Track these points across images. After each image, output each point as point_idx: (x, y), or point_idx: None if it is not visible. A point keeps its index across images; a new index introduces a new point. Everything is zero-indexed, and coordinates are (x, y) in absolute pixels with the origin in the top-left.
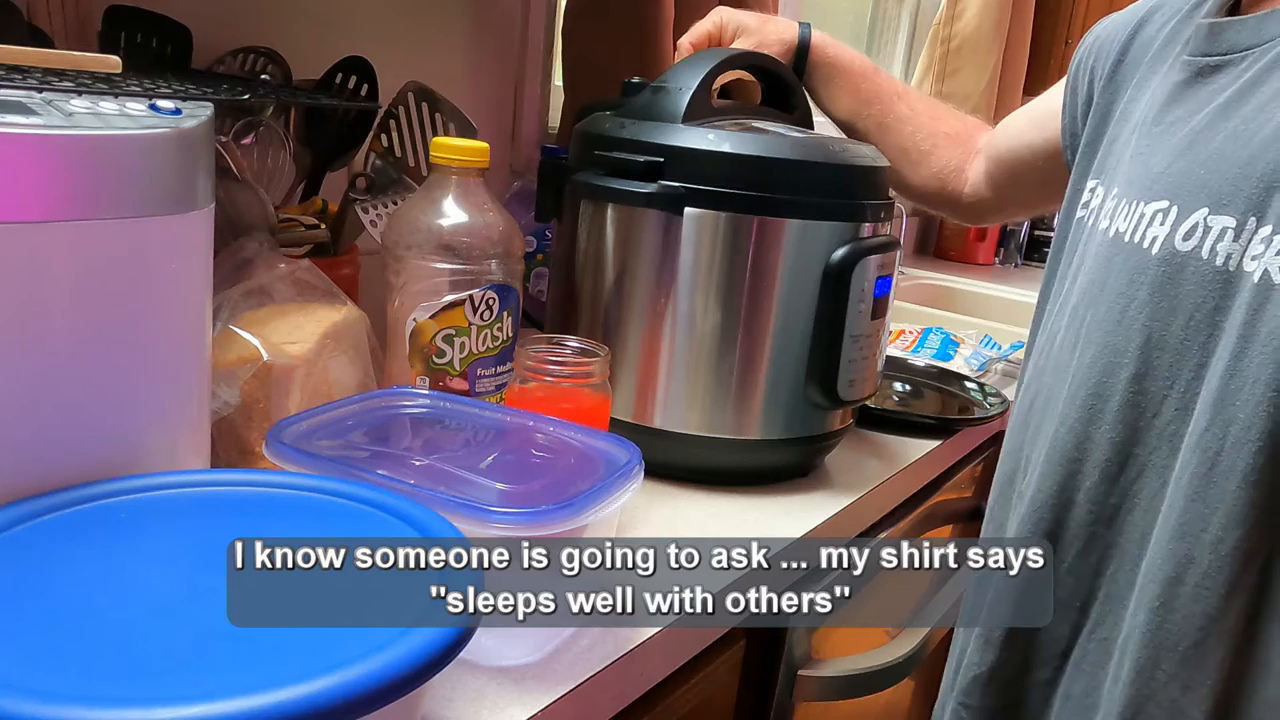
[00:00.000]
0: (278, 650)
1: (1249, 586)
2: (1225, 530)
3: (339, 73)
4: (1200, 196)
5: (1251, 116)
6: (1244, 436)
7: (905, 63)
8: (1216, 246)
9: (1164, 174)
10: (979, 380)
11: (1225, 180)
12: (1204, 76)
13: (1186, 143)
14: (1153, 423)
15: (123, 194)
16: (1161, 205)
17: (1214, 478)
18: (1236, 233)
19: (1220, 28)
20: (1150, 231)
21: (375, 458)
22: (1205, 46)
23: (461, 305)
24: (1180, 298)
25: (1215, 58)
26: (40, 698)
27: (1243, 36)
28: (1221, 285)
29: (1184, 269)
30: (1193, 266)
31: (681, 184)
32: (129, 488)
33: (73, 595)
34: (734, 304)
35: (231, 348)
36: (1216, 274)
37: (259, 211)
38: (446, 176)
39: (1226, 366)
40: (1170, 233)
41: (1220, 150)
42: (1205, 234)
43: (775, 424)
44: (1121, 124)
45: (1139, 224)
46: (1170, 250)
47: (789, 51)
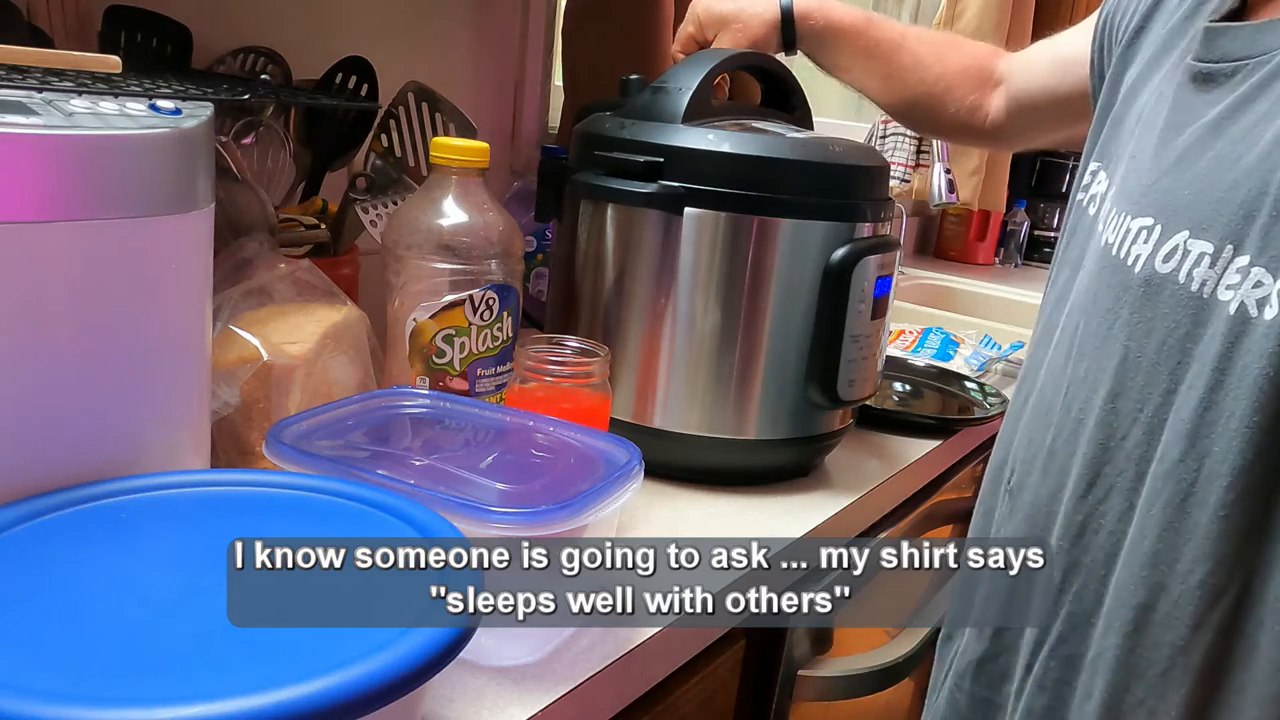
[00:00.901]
0: (278, 650)
1: (1215, 623)
2: (1195, 563)
3: (339, 73)
4: (1183, 218)
5: (1239, 138)
6: (1217, 470)
7: None
8: (1193, 272)
9: (1151, 188)
10: (979, 380)
11: (1207, 204)
12: (1200, 85)
13: (1175, 159)
14: (1121, 444)
15: (123, 194)
16: (1146, 222)
17: (1187, 508)
18: (1213, 259)
19: (1217, 33)
20: (1135, 249)
21: (375, 458)
22: (1203, 51)
23: (461, 305)
24: (1156, 320)
25: (1210, 65)
26: (40, 698)
27: (1238, 46)
28: (1194, 311)
29: (1161, 291)
30: (1169, 289)
31: (681, 184)
32: (129, 488)
33: (73, 595)
34: (734, 304)
35: (231, 348)
36: (1190, 299)
37: (259, 211)
38: (446, 176)
39: (1201, 398)
40: (1152, 252)
41: (1206, 172)
42: (1184, 257)
43: (775, 424)
44: (1128, 103)
45: (1125, 238)
46: (1151, 271)
47: (774, 28)
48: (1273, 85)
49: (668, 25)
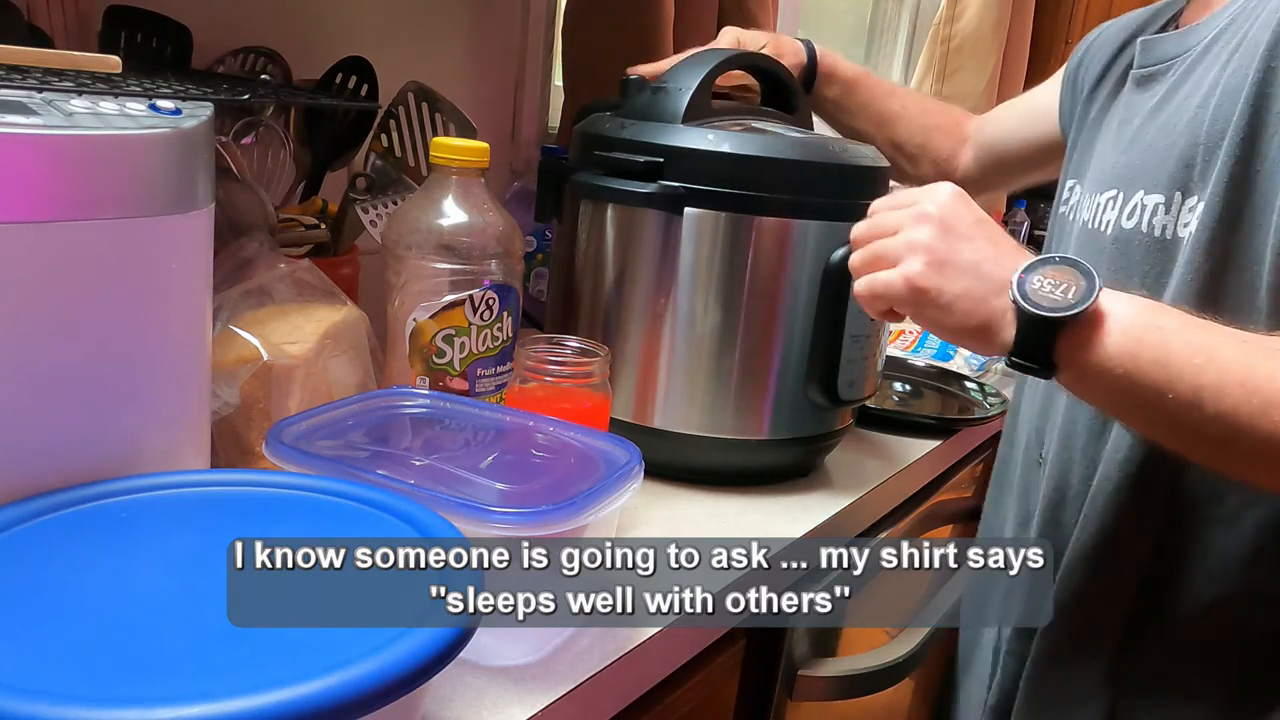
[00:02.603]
0: (278, 650)
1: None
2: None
3: (339, 73)
4: (1138, 181)
5: (1174, 112)
6: None
7: (905, 63)
8: (1152, 221)
9: (1112, 168)
10: (979, 380)
11: (1154, 165)
12: (1142, 86)
13: (1128, 140)
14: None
15: (123, 194)
16: (1111, 193)
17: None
18: (1166, 206)
19: (1153, 43)
20: (1104, 216)
21: (375, 458)
22: (1142, 59)
23: (461, 305)
24: (1131, 268)
25: (1149, 68)
26: (40, 698)
27: (1169, 48)
28: (1161, 252)
29: (1130, 244)
30: (1137, 240)
31: (681, 184)
32: (129, 488)
33: (73, 595)
34: (734, 304)
35: (231, 348)
36: (1155, 244)
37: (259, 211)
38: (446, 176)
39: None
40: (1118, 215)
41: (1151, 142)
42: (1143, 211)
43: (775, 424)
44: (1094, 129)
45: (1096, 211)
46: (1119, 230)
47: (801, 66)
48: (1195, 70)
49: (668, 25)
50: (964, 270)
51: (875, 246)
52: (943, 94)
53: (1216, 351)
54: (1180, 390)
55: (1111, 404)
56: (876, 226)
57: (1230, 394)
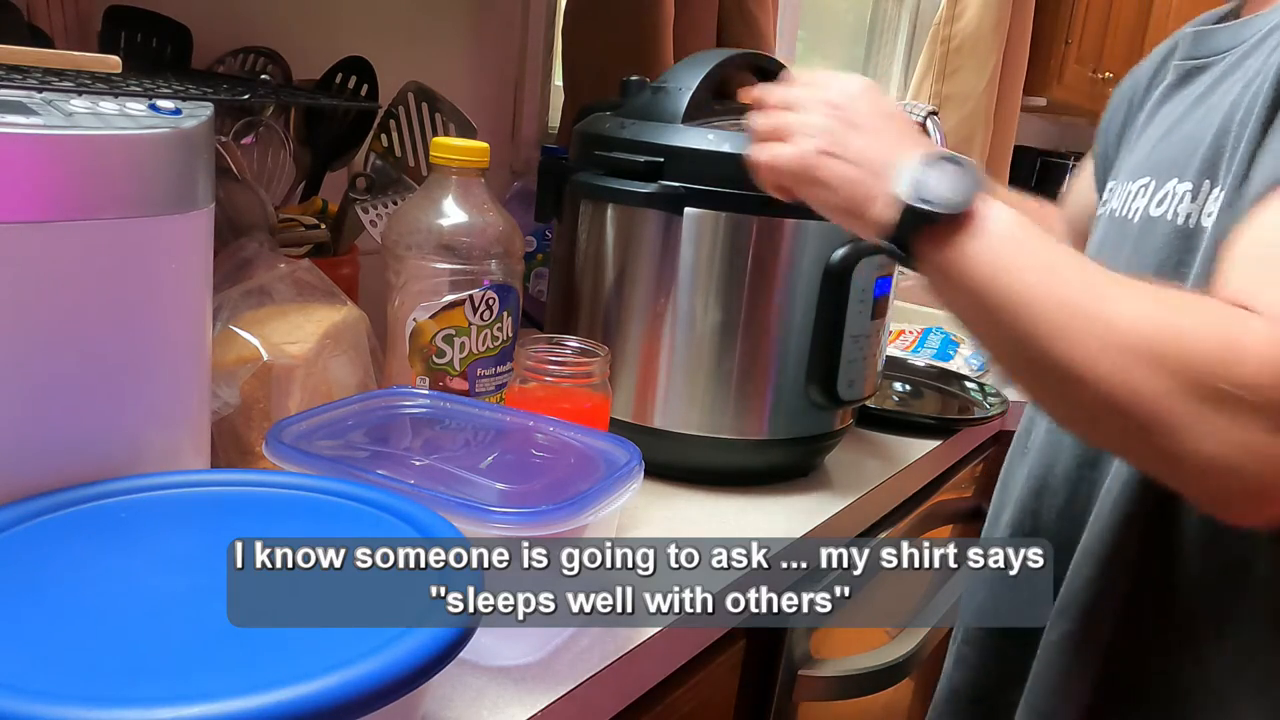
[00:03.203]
0: (278, 650)
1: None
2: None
3: (339, 73)
4: (1172, 170)
5: (1216, 103)
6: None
7: (905, 63)
8: (1178, 209)
9: (1148, 157)
10: (979, 380)
11: (1188, 153)
12: (1186, 79)
13: (1166, 130)
14: None
15: (123, 194)
16: (1144, 181)
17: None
18: (1194, 195)
19: (1205, 35)
20: (1134, 204)
21: (375, 458)
22: (1191, 51)
23: (461, 305)
24: (1150, 254)
25: (1196, 60)
26: (41, 698)
27: (1222, 41)
28: (1182, 240)
29: (1154, 230)
30: (1161, 228)
31: (681, 184)
32: (129, 488)
33: (73, 595)
34: (734, 304)
35: (231, 348)
36: (1178, 232)
37: (259, 211)
38: (446, 176)
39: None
40: (1147, 203)
41: (1189, 132)
42: (1172, 199)
43: (775, 424)
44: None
45: (1127, 200)
46: (1146, 217)
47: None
48: (1243, 64)
49: (668, 25)
50: (853, 158)
51: (779, 119)
52: (943, 94)
53: (1071, 276)
54: (1019, 305)
55: (964, 310)
56: (786, 100)
57: (1060, 315)
